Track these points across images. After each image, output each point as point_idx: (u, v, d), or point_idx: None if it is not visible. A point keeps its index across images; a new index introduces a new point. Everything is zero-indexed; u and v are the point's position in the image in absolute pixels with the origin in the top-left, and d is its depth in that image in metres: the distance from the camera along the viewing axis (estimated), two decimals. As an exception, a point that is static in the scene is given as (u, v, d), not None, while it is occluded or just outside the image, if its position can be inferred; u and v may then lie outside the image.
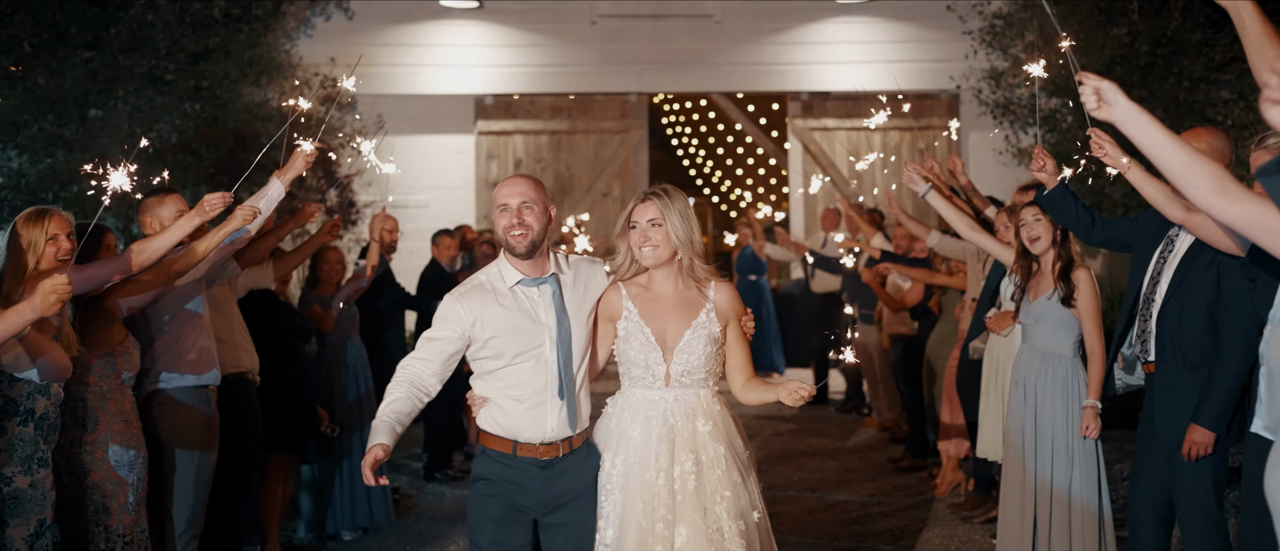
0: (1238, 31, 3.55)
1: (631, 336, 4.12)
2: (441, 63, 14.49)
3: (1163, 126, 2.81)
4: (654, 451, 3.99)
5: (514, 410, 4.04)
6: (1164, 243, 4.81)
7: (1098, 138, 4.49)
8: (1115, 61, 11.55)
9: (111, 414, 4.76)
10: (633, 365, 4.13)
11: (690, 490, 3.91)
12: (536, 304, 4.08)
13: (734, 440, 4.10)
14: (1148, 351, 4.73)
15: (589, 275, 4.23)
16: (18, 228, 4.54)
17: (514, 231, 4.00)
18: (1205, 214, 3.17)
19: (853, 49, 14.61)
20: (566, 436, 4.07)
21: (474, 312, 4.01)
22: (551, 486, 4.06)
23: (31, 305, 3.88)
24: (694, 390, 4.10)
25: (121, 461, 4.74)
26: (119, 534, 4.71)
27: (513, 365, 4.03)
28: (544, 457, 4.04)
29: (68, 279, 3.92)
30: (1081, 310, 5.38)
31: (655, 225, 4.09)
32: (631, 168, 14.90)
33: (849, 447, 9.97)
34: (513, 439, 4.05)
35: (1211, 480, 4.53)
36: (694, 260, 4.13)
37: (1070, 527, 5.33)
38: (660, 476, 3.94)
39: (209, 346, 5.35)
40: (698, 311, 4.13)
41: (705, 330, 4.11)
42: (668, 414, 4.06)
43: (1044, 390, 5.46)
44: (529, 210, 4.03)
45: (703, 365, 4.10)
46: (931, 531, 7.17)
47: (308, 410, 6.64)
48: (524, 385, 4.04)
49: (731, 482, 3.96)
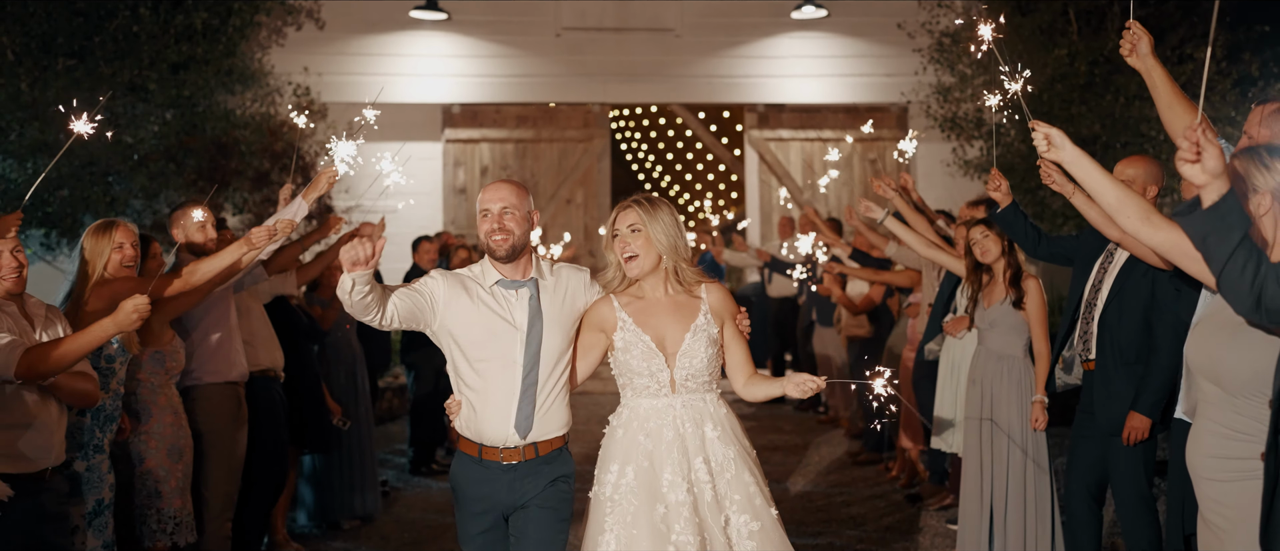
0: (1149, 89, 4.18)
1: (631, 346, 4.11)
2: (410, 72, 14.93)
3: (1099, 166, 3.43)
4: (667, 457, 4.00)
5: (480, 411, 4.08)
6: (1104, 255, 5.40)
7: (1047, 169, 5.05)
8: (1056, 79, 12.24)
9: (162, 407, 5.21)
10: (635, 374, 4.12)
11: (707, 498, 3.93)
12: (512, 306, 4.10)
13: (742, 440, 4.13)
14: (1089, 350, 5.33)
15: (572, 283, 4.24)
16: (85, 240, 4.97)
17: (495, 236, 4.05)
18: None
19: (807, 63, 15.27)
20: (531, 442, 4.09)
21: (448, 294, 4.07)
22: (517, 486, 4.10)
23: (114, 321, 4.21)
24: (700, 395, 4.11)
25: (171, 450, 5.19)
26: (170, 515, 5.16)
27: (481, 365, 4.06)
28: (506, 462, 4.07)
29: (149, 299, 4.23)
30: (1030, 314, 6.00)
31: (635, 231, 4.11)
32: (594, 175, 15.43)
33: (808, 443, 10.55)
34: (478, 441, 4.10)
35: (1144, 464, 5.15)
36: (680, 265, 4.15)
37: (1024, 509, 5.93)
38: (680, 484, 3.95)
39: (237, 347, 5.80)
40: (694, 315, 4.15)
41: (704, 333, 4.13)
42: (677, 421, 4.06)
43: (999, 387, 6.07)
44: (510, 215, 4.07)
45: (706, 368, 4.11)
46: (892, 518, 7.76)
47: (319, 406, 7.09)
48: (490, 386, 4.06)
49: (742, 484, 3.99)
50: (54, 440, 4.26)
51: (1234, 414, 3.29)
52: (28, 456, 4.14)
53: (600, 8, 15.10)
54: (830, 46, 15.25)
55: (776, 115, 15.52)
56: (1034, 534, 5.95)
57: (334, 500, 7.68)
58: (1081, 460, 5.43)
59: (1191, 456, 3.51)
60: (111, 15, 11.44)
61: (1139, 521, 5.16)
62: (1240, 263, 2.93)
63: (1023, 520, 5.95)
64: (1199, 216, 3.03)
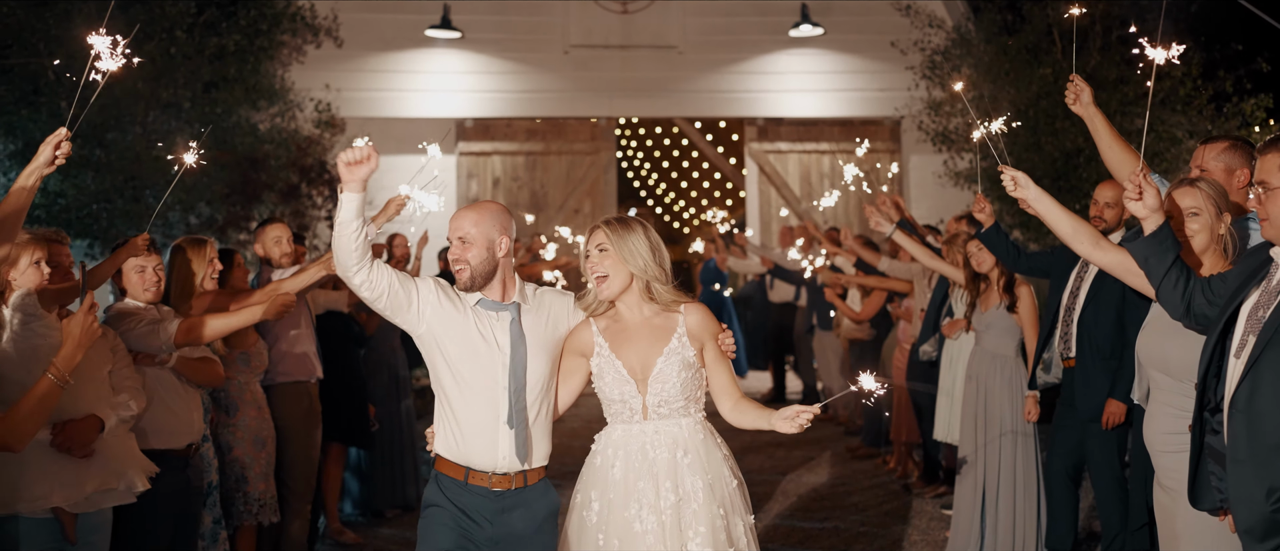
0: (1091, 133, 4.90)
1: (604, 371, 4.05)
2: (424, 88, 15.60)
3: (1056, 202, 4.19)
4: (634, 489, 3.92)
5: (466, 434, 3.95)
6: (1080, 264, 6.10)
7: (1023, 202, 5.76)
8: (1041, 96, 12.95)
9: (247, 402, 5.88)
10: (610, 401, 4.07)
11: (669, 523, 3.86)
12: (494, 327, 4.00)
13: (720, 472, 4.00)
14: (1069, 349, 6.03)
15: (555, 308, 4.15)
16: (188, 254, 5.62)
17: (455, 266, 3.99)
18: None
19: (804, 78, 15.99)
20: (519, 470, 3.98)
21: (437, 299, 3.96)
22: (502, 519, 3.97)
23: (264, 308, 5.00)
24: (674, 420, 4.01)
25: (255, 440, 5.86)
26: (255, 498, 5.82)
27: (466, 383, 3.95)
28: (495, 488, 3.95)
29: (294, 294, 5.00)
30: (1023, 317, 6.71)
31: (602, 251, 4.03)
32: (601, 186, 16.13)
33: (809, 439, 11.23)
34: (465, 465, 3.96)
35: (1117, 448, 5.87)
36: (652, 284, 4.04)
37: (1015, 493, 6.62)
38: (646, 513, 3.88)
39: (309, 351, 6.47)
40: (669, 337, 4.03)
41: (678, 356, 4.01)
42: (647, 448, 3.97)
43: (993, 384, 6.76)
44: (467, 246, 3.96)
45: (680, 393, 4.00)
46: (890, 505, 8.45)
47: (363, 405, 7.75)
48: (476, 410, 3.95)
49: (707, 517, 3.87)
50: (194, 419, 4.97)
51: (1180, 397, 3.97)
52: (175, 433, 4.85)
53: (606, 25, 15.79)
54: (826, 63, 15.97)
55: (775, 128, 16.23)
56: (1022, 515, 6.64)
57: (377, 491, 8.33)
58: (1061, 446, 6.16)
59: (1147, 433, 4.26)
60: (149, 38, 12.09)
61: (1112, 497, 5.88)
62: (1173, 278, 3.70)
63: (1013, 503, 6.63)
64: (1141, 243, 3.79)
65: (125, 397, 4.57)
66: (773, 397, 13.71)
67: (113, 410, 4.47)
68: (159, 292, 5.03)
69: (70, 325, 3.79)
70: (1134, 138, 12.78)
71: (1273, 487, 3.23)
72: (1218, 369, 3.50)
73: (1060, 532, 6.30)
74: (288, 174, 13.04)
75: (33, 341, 4.29)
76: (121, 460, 4.52)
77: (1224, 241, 4.00)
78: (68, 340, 3.76)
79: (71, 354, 3.75)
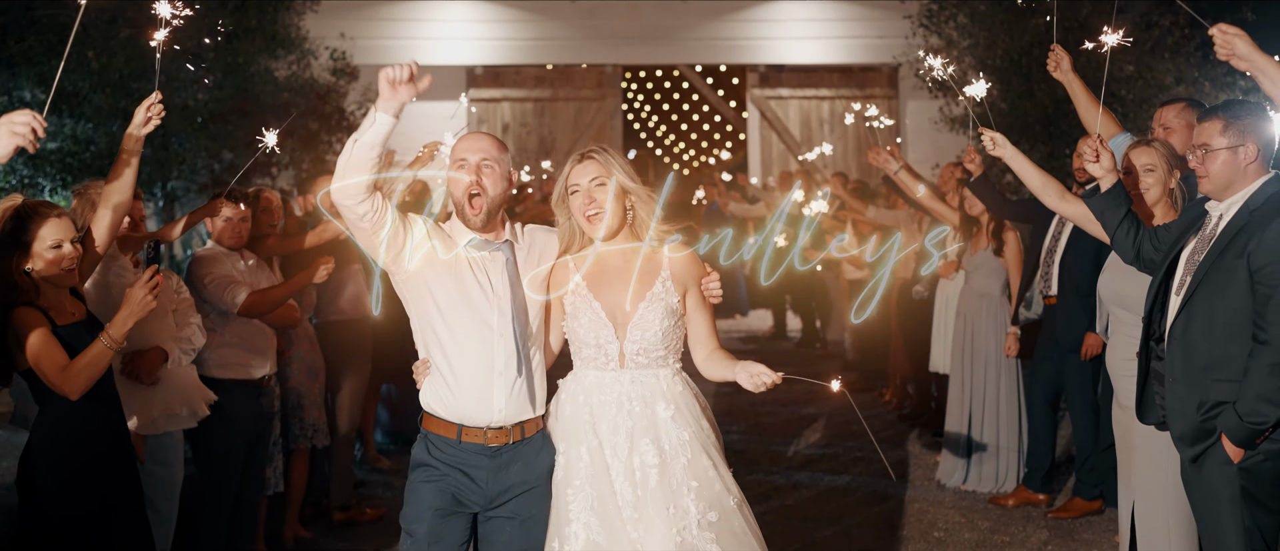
0: (1071, 97, 5.41)
1: (579, 312, 3.73)
2: (436, 36, 16.07)
3: (1028, 160, 4.74)
4: (608, 442, 3.63)
5: (459, 388, 3.62)
6: (1060, 213, 6.67)
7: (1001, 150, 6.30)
8: (1034, 45, 13.41)
9: (300, 336, 6.43)
10: (583, 344, 3.74)
11: (652, 485, 3.56)
12: (489, 269, 3.69)
13: (701, 422, 3.72)
14: (1049, 287, 6.61)
15: (545, 246, 3.86)
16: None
17: (471, 193, 3.64)
18: None
19: (805, 26, 16.45)
20: (517, 421, 3.67)
21: (428, 240, 3.65)
22: (499, 477, 3.67)
23: (311, 274, 5.45)
24: (652, 370, 3.70)
25: (309, 371, 6.43)
26: (309, 423, 6.40)
27: (459, 329, 3.63)
28: (492, 444, 3.64)
29: (334, 261, 5.46)
30: (1008, 260, 7.27)
31: (600, 185, 3.71)
32: (608, 132, 16.65)
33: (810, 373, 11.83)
34: (458, 422, 3.64)
35: (1091, 377, 6.47)
36: (639, 210, 3.76)
37: (999, 420, 7.23)
38: (619, 471, 3.59)
39: (361, 292, 7.01)
40: (653, 280, 3.73)
41: (661, 302, 3.71)
42: (623, 399, 3.66)
43: (980, 320, 7.35)
44: (489, 169, 3.66)
45: (660, 341, 3.70)
46: (886, 434, 9.07)
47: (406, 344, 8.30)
48: (470, 360, 3.62)
49: (699, 469, 3.61)
50: (269, 354, 5.55)
51: (1136, 328, 4.54)
52: (251, 366, 5.43)
53: (613, -26, 16.26)
54: (826, 10, 16.42)
55: (776, 75, 16.72)
56: (1006, 439, 7.25)
57: (407, 419, 8.92)
58: (1041, 376, 6.80)
59: (1109, 360, 4.93)
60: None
61: (1086, 421, 6.53)
62: (1125, 229, 4.29)
63: (997, 428, 7.24)
64: (1098, 198, 4.37)
65: (188, 333, 5.18)
66: (773, 337, 14.31)
67: (175, 344, 5.10)
68: (242, 239, 5.60)
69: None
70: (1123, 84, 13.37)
71: (1202, 402, 3.82)
72: (1162, 304, 4.08)
73: (1040, 454, 6.94)
74: (307, 121, 13.52)
75: (108, 279, 5.02)
76: (185, 389, 5.15)
77: (1174, 195, 4.59)
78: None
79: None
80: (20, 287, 4.09)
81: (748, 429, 9.35)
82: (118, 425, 4.31)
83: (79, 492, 4.12)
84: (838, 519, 6.84)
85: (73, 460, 4.11)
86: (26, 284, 4.11)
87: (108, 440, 4.23)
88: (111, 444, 4.25)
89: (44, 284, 4.15)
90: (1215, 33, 3.84)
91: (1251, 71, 3.81)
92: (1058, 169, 12.52)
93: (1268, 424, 3.67)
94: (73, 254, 4.17)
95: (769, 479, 7.74)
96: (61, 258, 4.13)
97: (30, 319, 4.04)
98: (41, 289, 4.15)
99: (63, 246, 4.14)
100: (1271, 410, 3.65)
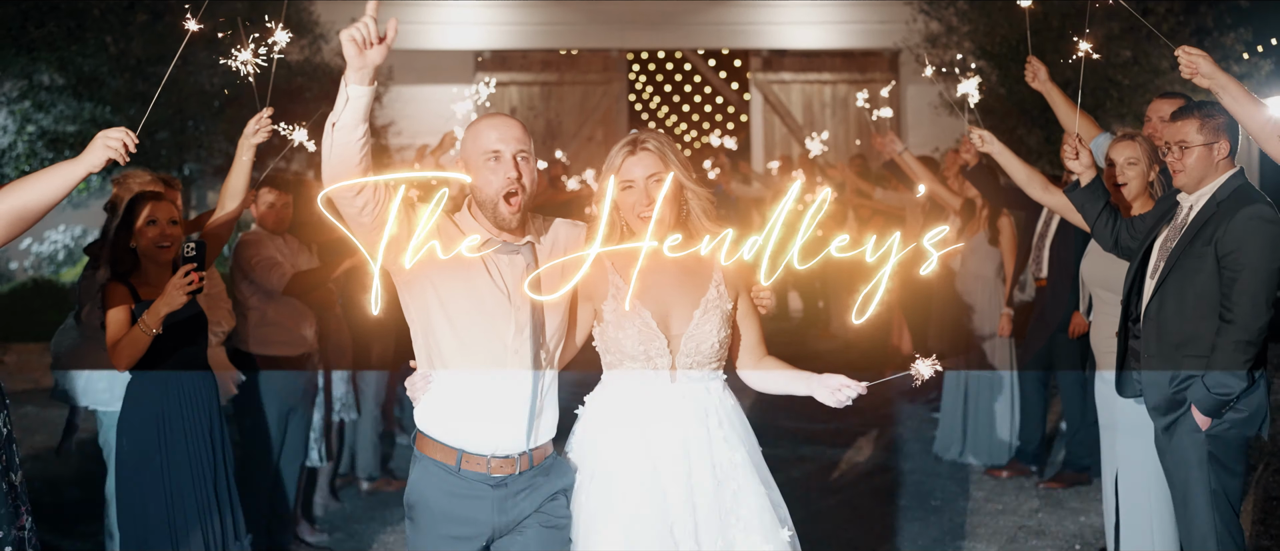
0: (1050, 105, 5.62)
1: (625, 322, 3.29)
2: (444, 20, 16.34)
3: (1014, 155, 5.04)
4: (658, 464, 3.25)
5: (463, 409, 3.19)
6: (1055, 197, 7.01)
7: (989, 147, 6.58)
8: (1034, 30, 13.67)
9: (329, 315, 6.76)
10: (626, 356, 3.32)
11: (706, 508, 3.23)
12: (505, 273, 3.20)
13: (751, 437, 3.41)
14: (1040, 269, 6.97)
15: (569, 243, 3.35)
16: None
17: (508, 190, 3.13)
18: None
19: (807, 11, 16.73)
20: (527, 449, 3.22)
21: (435, 228, 3.03)
22: (506, 509, 3.22)
23: (351, 264, 5.77)
24: (703, 384, 3.34)
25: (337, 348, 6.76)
26: (338, 396, 6.74)
27: (468, 348, 3.17)
28: (496, 474, 3.19)
29: None
30: (1003, 245, 7.61)
31: (657, 181, 3.25)
32: (614, 115, 16.98)
33: (812, 352, 12.20)
34: (458, 448, 3.19)
35: (1079, 355, 6.83)
36: (694, 203, 3.35)
37: (993, 396, 7.58)
38: (677, 493, 3.22)
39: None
40: (706, 285, 3.36)
41: (718, 309, 3.34)
42: (676, 415, 3.28)
43: (975, 300, 7.68)
44: (525, 162, 3.19)
45: (715, 353, 3.34)
46: (887, 409, 9.44)
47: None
48: (476, 376, 3.17)
49: (754, 495, 3.27)
50: (309, 332, 5.89)
51: (1116, 308, 4.88)
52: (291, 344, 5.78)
53: (618, -41, 16.53)
54: (828, -6, 16.69)
55: (779, 59, 17.02)
56: (1001, 411, 7.60)
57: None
58: (1032, 354, 7.17)
59: (1093, 338, 5.30)
60: (186, -26, 12.77)
61: (1075, 396, 6.91)
62: (1104, 220, 4.66)
63: (992, 403, 7.59)
64: (1079, 191, 4.73)
65: (217, 317, 5.52)
66: (775, 317, 14.64)
67: (207, 327, 5.43)
68: (285, 224, 5.93)
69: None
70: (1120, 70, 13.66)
71: (1174, 375, 4.19)
72: (1138, 288, 4.45)
73: (1031, 428, 7.30)
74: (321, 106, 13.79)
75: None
76: (215, 369, 5.48)
77: (1153, 187, 4.92)
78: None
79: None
80: (122, 261, 4.49)
81: (751, 404, 9.65)
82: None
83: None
84: (839, 489, 7.20)
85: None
86: (128, 259, 4.49)
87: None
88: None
89: (146, 261, 4.53)
90: (1180, 54, 4.11)
91: (1214, 89, 4.06)
92: (1053, 153, 12.84)
93: (1233, 395, 4.05)
94: (171, 233, 4.52)
95: (775, 453, 8.04)
96: (158, 235, 4.50)
97: (116, 296, 4.42)
98: (144, 265, 4.52)
99: (159, 224, 4.48)
100: (1236, 382, 4.03)
